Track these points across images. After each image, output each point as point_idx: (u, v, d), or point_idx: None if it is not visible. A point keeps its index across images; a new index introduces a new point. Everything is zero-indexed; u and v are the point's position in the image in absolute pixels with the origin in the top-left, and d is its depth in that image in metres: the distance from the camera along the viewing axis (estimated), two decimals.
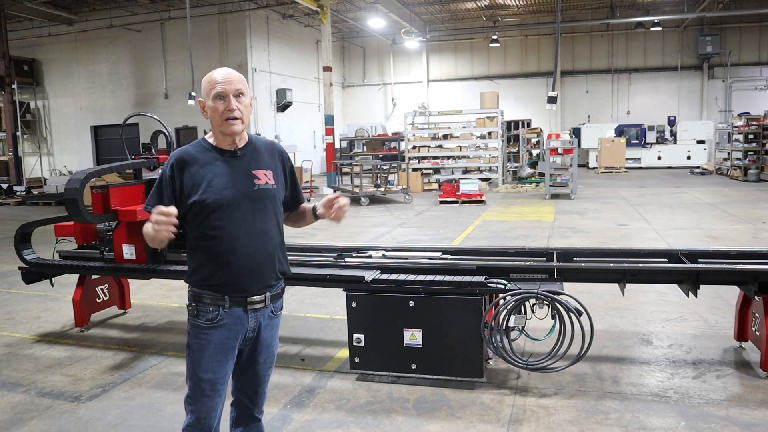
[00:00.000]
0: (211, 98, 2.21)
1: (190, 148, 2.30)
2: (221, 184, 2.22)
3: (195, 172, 2.23)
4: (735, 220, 10.02)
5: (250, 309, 2.28)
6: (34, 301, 6.15)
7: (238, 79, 2.23)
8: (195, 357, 2.26)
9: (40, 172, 22.16)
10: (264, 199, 2.30)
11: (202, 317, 2.25)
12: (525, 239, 8.79)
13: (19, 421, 3.48)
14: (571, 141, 14.46)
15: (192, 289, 2.29)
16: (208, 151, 2.28)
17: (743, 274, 3.72)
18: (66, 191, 4.31)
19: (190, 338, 2.29)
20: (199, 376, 2.25)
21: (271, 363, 2.45)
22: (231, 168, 2.26)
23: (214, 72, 2.24)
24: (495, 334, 3.61)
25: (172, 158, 2.27)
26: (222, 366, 2.27)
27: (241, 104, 2.22)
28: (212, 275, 2.24)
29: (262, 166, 2.33)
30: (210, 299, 2.24)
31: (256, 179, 2.29)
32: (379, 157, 18.79)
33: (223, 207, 2.21)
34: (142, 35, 21.28)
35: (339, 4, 20.70)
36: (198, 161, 2.25)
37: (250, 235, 2.26)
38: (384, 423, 3.32)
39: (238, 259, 2.23)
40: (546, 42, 25.78)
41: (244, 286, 2.26)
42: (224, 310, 2.24)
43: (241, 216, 2.24)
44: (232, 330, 2.26)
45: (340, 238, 9.47)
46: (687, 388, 3.62)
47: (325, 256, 4.46)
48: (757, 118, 17.89)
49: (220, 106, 2.20)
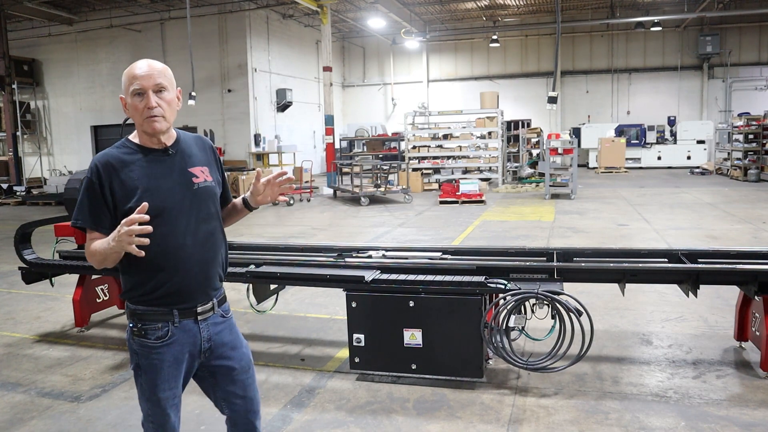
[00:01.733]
0: (130, 95, 2.01)
1: (114, 150, 2.07)
2: (158, 187, 2.03)
3: (126, 177, 2.01)
4: (735, 220, 10.02)
5: (201, 319, 2.12)
6: (34, 301, 6.15)
7: (159, 73, 2.03)
8: (149, 378, 2.09)
9: (40, 172, 22.16)
10: (206, 198, 2.13)
11: (150, 336, 2.06)
12: (525, 239, 8.79)
13: (19, 421, 3.48)
14: (571, 141, 14.45)
15: (133, 306, 2.08)
16: (135, 153, 2.06)
17: (743, 274, 3.72)
18: (66, 191, 4.32)
19: (139, 359, 2.09)
20: (158, 395, 2.10)
21: (248, 365, 2.28)
22: (165, 168, 2.07)
23: (134, 65, 2.04)
24: (495, 334, 3.61)
25: (95, 164, 2.02)
26: (178, 381, 2.14)
27: (162, 100, 2.02)
28: (157, 288, 2.04)
29: (197, 162, 2.15)
30: (157, 315, 2.06)
31: (194, 177, 2.11)
32: (379, 157, 18.79)
33: (165, 212, 2.01)
34: (142, 35, 21.28)
35: (339, 4, 20.70)
36: (127, 164, 2.03)
37: (195, 239, 2.09)
38: (384, 423, 3.32)
39: (187, 267, 2.06)
40: (546, 42, 25.78)
41: (194, 296, 2.10)
42: (174, 325, 2.07)
43: (184, 220, 2.06)
44: (185, 344, 2.10)
45: (340, 238, 9.48)
46: (687, 388, 3.62)
47: (325, 256, 4.46)
48: (757, 118, 17.89)
49: (139, 104, 2.00)
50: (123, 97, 2.07)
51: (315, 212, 13.18)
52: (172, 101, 2.07)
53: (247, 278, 4.11)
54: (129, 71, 2.03)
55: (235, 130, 20.40)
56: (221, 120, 20.49)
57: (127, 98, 2.04)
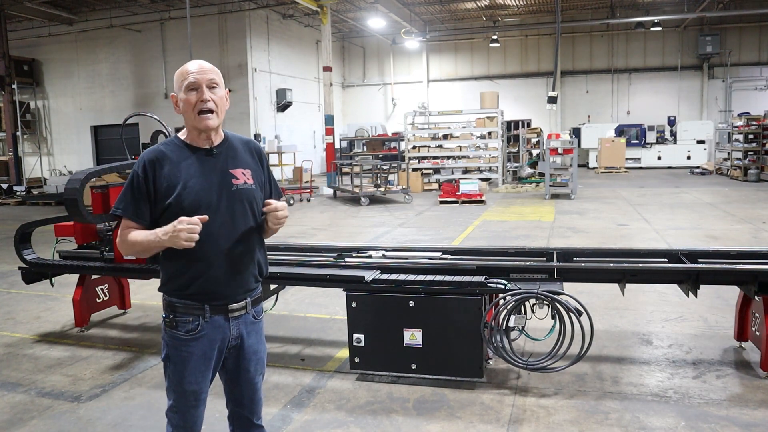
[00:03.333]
0: (184, 90, 2.09)
1: (162, 146, 2.15)
2: (198, 185, 2.10)
3: (169, 173, 2.09)
4: (735, 220, 10.02)
5: (232, 317, 2.18)
6: (34, 301, 6.15)
7: (211, 70, 2.13)
8: (177, 370, 2.16)
9: (40, 172, 22.16)
10: (243, 200, 2.18)
11: (181, 328, 2.13)
12: (525, 239, 8.79)
13: (19, 421, 3.48)
14: (571, 141, 14.45)
15: (168, 298, 2.17)
16: (181, 150, 2.14)
17: (743, 274, 3.72)
18: (66, 191, 4.31)
19: (169, 350, 2.17)
20: (184, 388, 2.17)
21: (261, 369, 2.35)
22: (207, 168, 2.14)
23: (186, 64, 2.14)
24: (495, 334, 3.61)
25: (143, 158, 2.13)
26: (206, 376, 2.20)
27: (215, 96, 2.11)
28: (191, 283, 2.12)
29: (240, 164, 2.21)
30: (189, 309, 2.13)
31: (234, 179, 2.17)
32: (379, 157, 18.79)
33: (201, 209, 2.07)
34: (142, 35, 21.28)
35: (339, 4, 20.70)
36: (171, 160, 2.11)
37: (230, 238, 2.14)
38: (384, 423, 3.32)
39: (219, 264, 2.12)
40: (546, 42, 25.78)
41: (225, 293, 2.16)
42: (204, 320, 2.13)
43: (220, 218, 2.12)
44: (214, 339, 2.17)
45: (340, 238, 9.48)
46: (687, 388, 3.62)
47: (325, 256, 4.46)
48: (757, 118, 17.89)
49: (193, 98, 2.08)
50: (174, 94, 2.14)
51: (315, 212, 13.18)
52: (222, 99, 2.16)
53: None
54: (182, 69, 2.13)
55: (235, 130, 19.55)
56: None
57: (179, 94, 2.11)
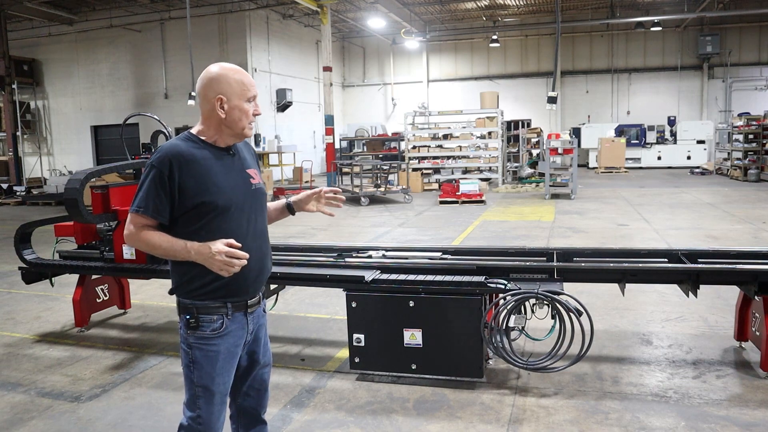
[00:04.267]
0: (245, 99, 2.15)
1: (182, 143, 2.13)
2: (228, 184, 2.14)
3: (197, 171, 2.09)
4: (735, 220, 10.02)
5: (249, 312, 2.24)
6: (34, 301, 6.15)
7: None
8: (205, 371, 2.14)
9: (40, 172, 22.15)
10: (260, 199, 2.28)
11: (206, 328, 2.13)
12: (525, 239, 8.79)
13: (19, 421, 3.48)
14: (571, 141, 14.46)
15: (190, 300, 2.15)
16: (202, 149, 2.15)
17: (743, 274, 3.72)
18: (66, 191, 4.31)
19: (193, 353, 2.14)
20: (212, 390, 2.16)
21: (270, 361, 2.44)
22: (230, 167, 2.19)
23: (239, 71, 2.16)
24: (495, 334, 3.61)
25: (167, 154, 2.07)
26: (231, 374, 2.23)
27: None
28: (217, 282, 2.13)
29: (251, 165, 2.30)
30: (211, 309, 2.14)
31: (251, 178, 2.26)
32: (379, 157, 18.80)
33: (232, 208, 2.13)
34: (142, 35, 21.28)
35: (339, 4, 20.70)
36: (196, 159, 2.10)
37: (254, 236, 2.23)
38: (384, 423, 3.32)
39: (248, 263, 2.13)
40: (546, 42, 25.78)
41: (249, 290, 2.22)
42: (228, 318, 2.17)
43: (245, 217, 2.19)
44: (237, 336, 2.21)
45: (340, 238, 9.47)
46: (687, 388, 3.62)
47: (325, 256, 4.45)
48: (757, 118, 17.89)
49: (252, 109, 2.17)
50: (222, 97, 2.11)
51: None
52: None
53: None
54: (242, 79, 2.14)
55: None
56: None
57: (236, 100, 2.12)
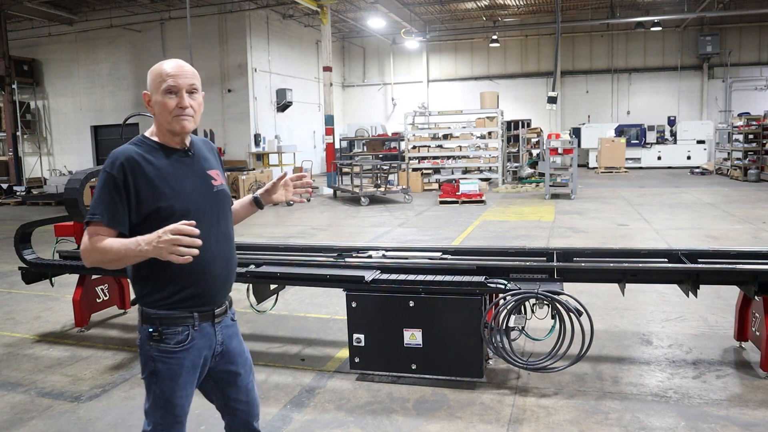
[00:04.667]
0: (161, 92, 1.98)
1: (134, 147, 2.00)
2: (186, 188, 2.02)
3: (152, 175, 1.96)
4: (735, 220, 10.02)
5: (216, 322, 2.12)
6: (34, 301, 6.15)
7: (192, 74, 2.04)
8: (166, 384, 2.03)
9: (40, 172, 22.14)
10: (224, 201, 2.16)
11: (170, 340, 2.01)
12: (525, 239, 8.79)
13: (19, 421, 3.48)
14: (571, 141, 14.45)
15: (153, 311, 2.02)
16: (157, 151, 2.02)
17: (743, 274, 3.72)
18: (66, 191, 4.31)
19: (155, 365, 2.02)
20: (173, 402, 2.06)
21: (251, 368, 2.30)
22: (188, 170, 2.07)
23: (166, 62, 2.02)
24: (495, 334, 3.61)
25: (118, 158, 1.94)
26: (193, 386, 2.12)
27: (194, 101, 2.03)
28: (182, 291, 2.02)
29: (212, 165, 2.17)
30: (177, 319, 2.02)
31: (213, 180, 2.13)
32: (379, 157, 18.80)
33: (191, 214, 1.98)
34: (142, 35, 21.28)
35: (339, 4, 20.69)
36: (151, 162, 1.98)
37: (218, 241, 2.10)
38: (384, 423, 3.32)
39: (211, 269, 2.06)
40: (546, 42, 25.78)
41: (216, 298, 2.10)
42: (194, 329, 2.04)
43: (208, 222, 2.05)
44: (202, 348, 2.08)
45: (340, 238, 9.48)
46: (687, 388, 3.62)
47: (325, 256, 4.45)
48: (757, 118, 17.89)
49: (172, 102, 1.98)
50: (147, 93, 2.03)
51: (315, 212, 13.18)
52: (200, 104, 2.09)
53: (247, 278, 4.12)
54: (160, 68, 2.01)
55: (235, 130, 20.40)
56: (221, 120, 20.48)
57: (155, 95, 2.00)
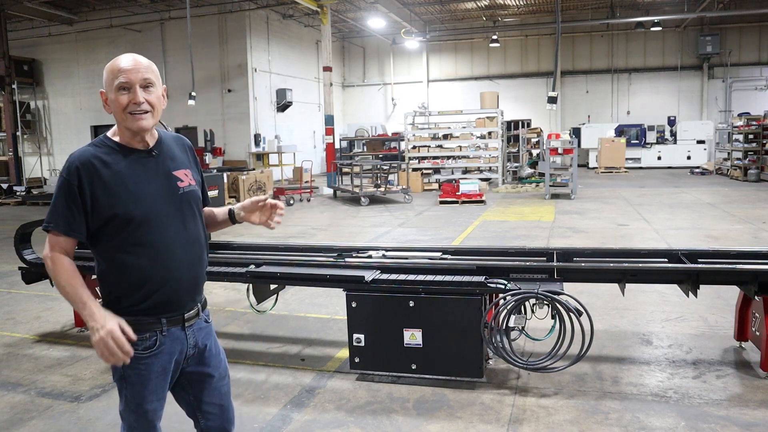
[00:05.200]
0: (114, 89, 1.88)
1: (92, 149, 1.92)
2: (146, 192, 1.93)
3: (109, 179, 1.88)
4: (735, 220, 10.02)
5: (187, 326, 2.06)
6: (34, 301, 6.15)
7: (146, 68, 1.92)
8: (136, 390, 2.00)
9: (40, 172, 22.14)
10: (191, 203, 2.05)
11: (138, 345, 1.94)
12: (525, 239, 8.79)
13: (19, 421, 3.48)
14: (571, 141, 14.45)
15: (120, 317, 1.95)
16: (116, 152, 1.94)
17: (743, 274, 3.72)
18: None
19: (124, 371, 1.98)
20: (144, 407, 2.03)
21: (225, 371, 2.24)
22: (150, 171, 1.97)
23: (118, 58, 1.92)
24: (495, 334, 3.61)
25: (74, 163, 1.88)
26: (164, 390, 2.08)
27: (150, 95, 1.92)
28: (146, 299, 1.95)
29: (180, 165, 2.06)
30: (144, 325, 1.96)
31: (179, 181, 2.03)
32: (379, 157, 18.80)
33: (152, 219, 1.92)
34: (142, 35, 21.28)
35: (339, 4, 20.70)
36: (109, 165, 1.90)
37: (184, 246, 2.01)
38: (384, 423, 3.32)
39: (176, 275, 1.99)
40: (546, 42, 25.78)
41: (183, 303, 2.04)
42: (162, 334, 1.99)
43: (172, 227, 1.97)
44: (172, 352, 2.03)
45: (340, 238, 9.48)
46: (687, 388, 3.62)
47: (325, 256, 4.45)
48: (757, 118, 17.88)
49: (124, 99, 1.88)
50: (103, 91, 1.95)
51: (315, 212, 13.18)
52: (159, 98, 1.96)
53: (247, 278, 4.12)
54: (113, 65, 1.91)
55: (235, 130, 20.41)
56: (221, 120, 20.49)
57: (109, 93, 1.91)
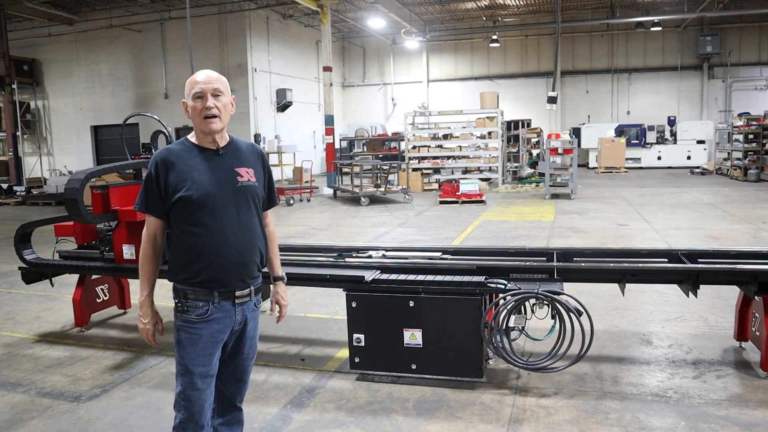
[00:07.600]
0: (192, 98, 2.33)
1: (174, 146, 2.39)
2: (205, 181, 2.31)
3: (179, 170, 2.31)
4: (735, 220, 10.02)
5: (238, 303, 2.36)
6: (34, 301, 6.15)
7: (216, 80, 2.34)
8: (186, 351, 2.31)
9: (40, 172, 22.15)
10: (247, 195, 2.39)
11: (191, 312, 2.30)
12: (525, 239, 8.79)
13: (19, 421, 3.48)
14: (571, 141, 14.45)
15: (178, 285, 2.34)
16: (190, 149, 2.37)
17: (743, 274, 3.72)
18: (66, 191, 4.31)
19: (179, 334, 2.33)
20: (192, 370, 2.31)
21: (254, 354, 2.55)
22: (215, 165, 2.35)
23: (196, 74, 2.36)
24: (495, 334, 3.61)
25: (156, 157, 2.35)
26: (212, 358, 2.35)
27: (219, 103, 2.32)
28: (200, 272, 2.29)
29: (244, 164, 2.43)
30: (198, 295, 2.30)
31: (239, 176, 2.38)
32: (379, 157, 18.81)
33: (208, 203, 2.29)
34: (142, 35, 21.28)
35: (339, 4, 20.69)
36: (182, 159, 2.33)
37: (235, 230, 2.34)
38: (384, 423, 3.32)
39: (226, 254, 2.31)
40: (546, 42, 25.77)
41: (232, 281, 2.34)
42: (213, 305, 2.31)
43: (226, 212, 2.32)
44: (222, 323, 2.34)
45: (340, 238, 9.48)
46: (687, 388, 3.62)
47: (325, 256, 4.46)
48: (757, 118, 17.88)
49: (199, 105, 2.31)
50: (185, 101, 2.37)
51: (315, 212, 13.18)
52: (227, 105, 2.37)
53: None
54: (192, 79, 2.36)
55: (235, 130, 20.38)
56: None
57: (188, 101, 2.34)
